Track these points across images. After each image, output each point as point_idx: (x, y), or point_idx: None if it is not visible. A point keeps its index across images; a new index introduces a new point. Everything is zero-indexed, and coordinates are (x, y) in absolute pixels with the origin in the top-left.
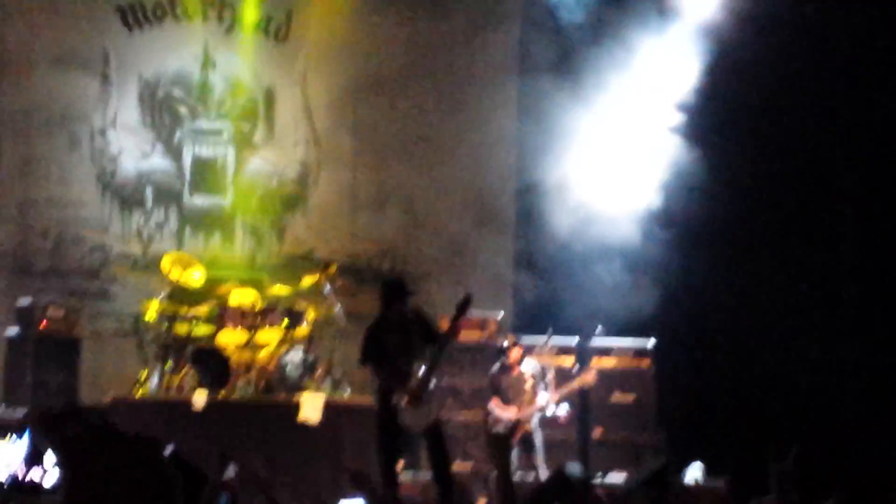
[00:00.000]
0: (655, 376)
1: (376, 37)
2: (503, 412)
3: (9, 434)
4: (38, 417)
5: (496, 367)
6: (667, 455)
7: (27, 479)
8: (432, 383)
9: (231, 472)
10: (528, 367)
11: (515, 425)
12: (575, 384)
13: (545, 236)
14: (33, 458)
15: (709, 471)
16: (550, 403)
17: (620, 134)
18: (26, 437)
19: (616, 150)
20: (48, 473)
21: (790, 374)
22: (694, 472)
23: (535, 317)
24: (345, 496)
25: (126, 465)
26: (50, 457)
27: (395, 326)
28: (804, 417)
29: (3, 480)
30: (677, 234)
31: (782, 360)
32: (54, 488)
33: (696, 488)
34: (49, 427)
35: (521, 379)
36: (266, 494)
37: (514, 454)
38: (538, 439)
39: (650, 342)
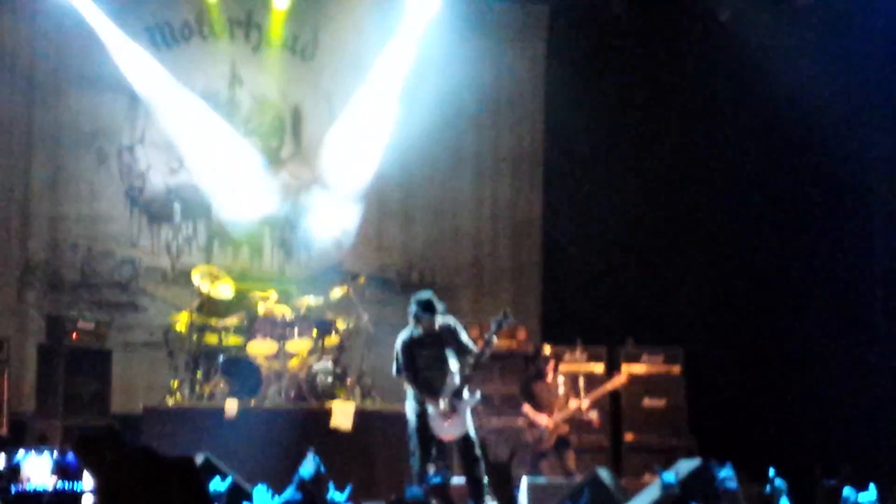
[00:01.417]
0: (686, 381)
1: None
2: (537, 417)
3: (45, 449)
4: (77, 439)
5: (530, 373)
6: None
7: (67, 496)
8: (465, 394)
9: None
10: (560, 374)
11: (548, 430)
12: (607, 386)
13: (573, 245)
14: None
15: (739, 476)
16: (584, 408)
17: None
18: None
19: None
20: (86, 495)
21: (822, 380)
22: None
23: (565, 325)
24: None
25: (162, 489)
26: (88, 478)
27: (427, 339)
28: (836, 423)
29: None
30: (707, 240)
31: (813, 365)
32: None
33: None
34: (87, 450)
35: (554, 385)
36: None
37: (549, 459)
38: (571, 444)
39: (680, 348)
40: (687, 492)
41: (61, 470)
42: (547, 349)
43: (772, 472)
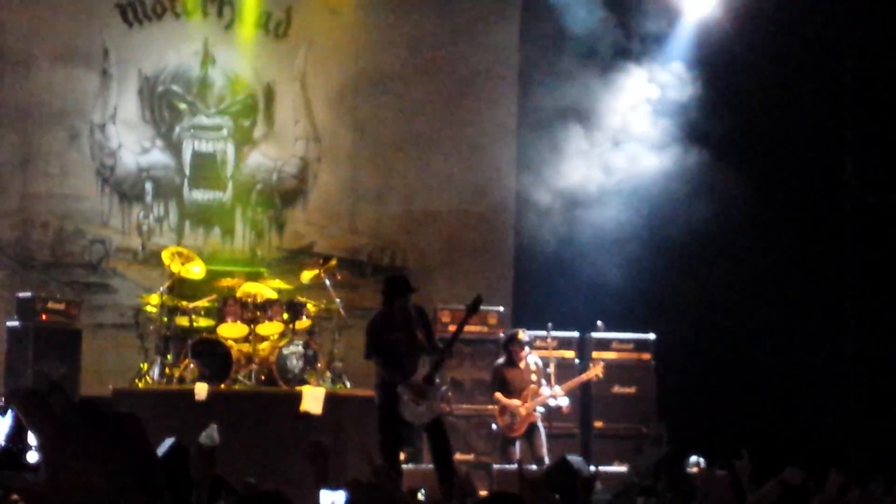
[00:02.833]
0: (656, 369)
1: (376, 33)
2: (509, 403)
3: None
4: (20, 396)
5: (502, 359)
6: (668, 446)
7: (12, 454)
8: (437, 379)
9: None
10: (532, 360)
11: (520, 417)
12: (584, 377)
13: (545, 231)
14: (16, 435)
15: (708, 463)
16: (557, 396)
17: (620, 130)
18: (9, 414)
19: (616, 145)
20: (31, 451)
21: (791, 368)
22: (694, 465)
23: (536, 311)
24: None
25: (109, 442)
26: (32, 435)
27: (399, 322)
28: (803, 411)
29: None
30: (678, 228)
31: (783, 354)
32: (37, 465)
33: (700, 475)
34: (31, 404)
35: (526, 372)
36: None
37: (518, 446)
38: (541, 431)
39: (651, 335)
40: (654, 479)
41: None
42: (522, 335)
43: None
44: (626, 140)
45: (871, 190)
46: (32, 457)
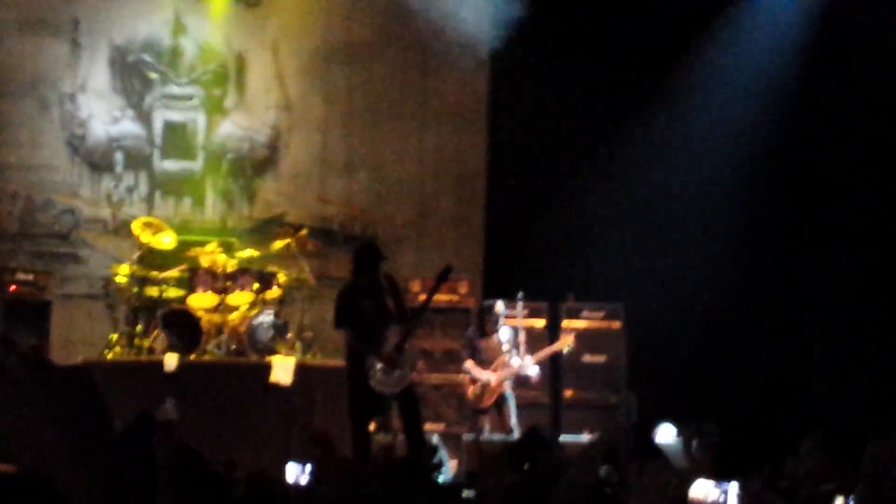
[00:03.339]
0: (627, 337)
1: (348, 2)
2: (480, 374)
3: None
4: None
5: (473, 329)
6: (636, 414)
7: None
8: (406, 348)
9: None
10: (504, 331)
11: (490, 388)
12: (556, 346)
13: (516, 201)
14: None
15: (678, 432)
16: (528, 365)
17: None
18: None
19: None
20: None
21: (761, 336)
22: (665, 433)
23: (507, 280)
24: (295, 459)
25: (57, 396)
26: None
27: (369, 291)
28: (772, 379)
29: None
30: (648, 192)
31: (753, 321)
32: None
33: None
34: None
35: (497, 341)
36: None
37: (489, 416)
38: (511, 401)
39: (621, 304)
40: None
41: None
42: (499, 306)
43: None
44: None
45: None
46: None
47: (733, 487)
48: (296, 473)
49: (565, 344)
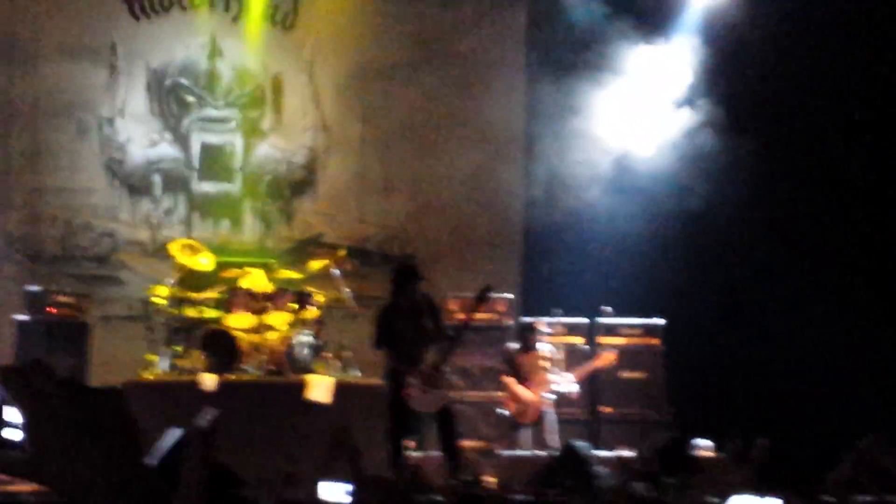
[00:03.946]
0: (665, 354)
1: (384, 23)
2: (521, 391)
3: None
4: (1, 372)
5: (516, 345)
6: (677, 431)
7: None
8: (446, 368)
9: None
10: (544, 347)
11: (531, 404)
12: (596, 363)
13: (554, 218)
14: None
15: (717, 448)
16: (568, 382)
17: (630, 116)
18: None
19: (626, 132)
20: (7, 427)
21: (800, 352)
22: (702, 448)
23: (544, 298)
24: (328, 478)
25: (91, 418)
26: (12, 412)
27: (408, 311)
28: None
29: None
30: (687, 214)
31: (791, 337)
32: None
33: (707, 459)
34: (12, 380)
35: (538, 358)
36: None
37: (529, 433)
38: (551, 417)
39: (660, 320)
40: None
41: None
42: (542, 325)
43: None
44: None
45: (878, 175)
46: (9, 433)
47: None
48: (334, 493)
49: (607, 361)
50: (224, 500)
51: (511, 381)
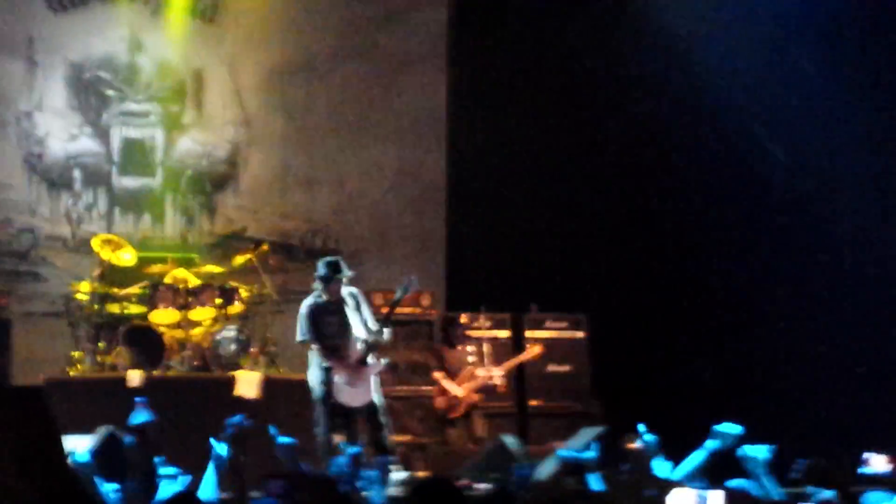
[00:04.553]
0: (591, 347)
1: (306, 16)
2: (450, 386)
3: None
4: None
5: (441, 341)
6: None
7: None
8: (371, 361)
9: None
10: (470, 342)
11: (460, 399)
12: (523, 357)
13: (477, 212)
14: None
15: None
16: (495, 376)
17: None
18: None
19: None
20: None
21: (725, 343)
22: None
23: (469, 292)
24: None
25: (9, 418)
26: None
27: (333, 305)
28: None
29: None
30: (612, 203)
31: (715, 328)
32: None
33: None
34: None
35: (463, 353)
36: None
37: (457, 427)
38: (480, 413)
39: (584, 315)
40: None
41: None
42: (464, 318)
43: (642, 427)
44: None
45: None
46: None
47: (716, 495)
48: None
49: (532, 354)
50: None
51: (440, 376)
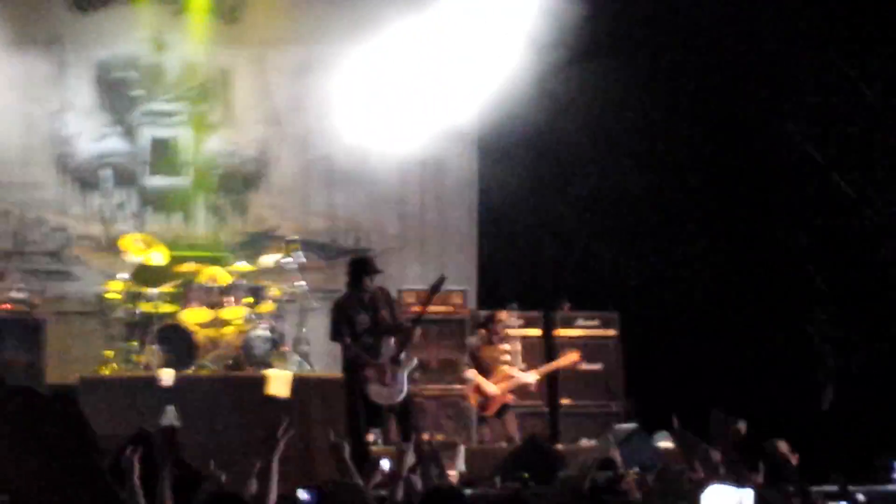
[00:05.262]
0: (623, 345)
1: (331, 13)
2: (485, 384)
3: None
4: None
5: (476, 338)
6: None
7: None
8: (403, 359)
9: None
10: (504, 339)
11: (494, 397)
12: (561, 362)
13: (510, 211)
14: None
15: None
16: (529, 375)
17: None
18: None
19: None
20: None
21: (756, 343)
22: (661, 441)
23: (501, 290)
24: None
25: (44, 423)
26: None
27: (365, 303)
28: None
29: None
30: (645, 207)
31: (748, 328)
32: None
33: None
34: None
35: (499, 351)
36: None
37: (490, 425)
38: (513, 411)
39: (615, 313)
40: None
41: None
42: (503, 315)
43: None
44: None
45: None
46: None
47: (748, 494)
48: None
49: (570, 360)
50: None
51: (474, 374)
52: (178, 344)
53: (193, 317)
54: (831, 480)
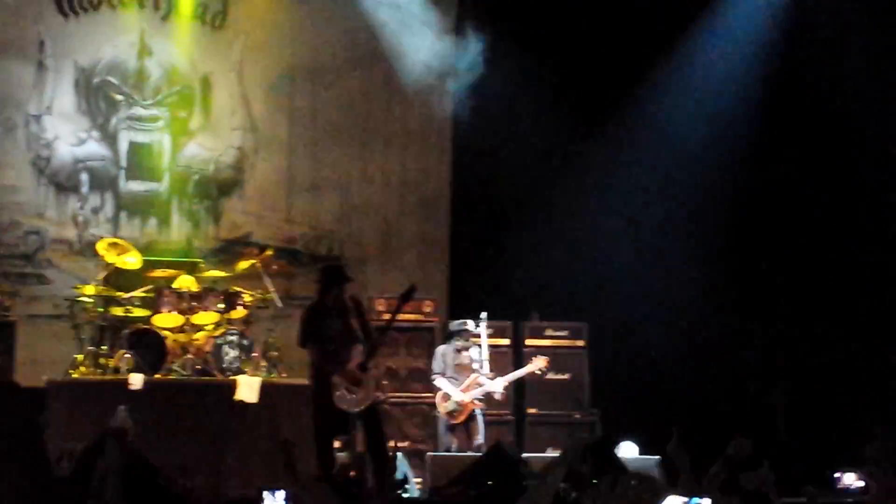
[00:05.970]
0: (590, 356)
1: (313, 24)
2: (454, 392)
3: None
4: None
5: (448, 347)
6: (600, 432)
7: None
8: (371, 367)
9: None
10: (473, 349)
11: (463, 405)
12: (529, 369)
13: (480, 221)
14: None
15: (641, 450)
16: (497, 383)
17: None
18: None
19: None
20: None
21: (722, 354)
22: (626, 451)
23: (470, 299)
24: (269, 489)
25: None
26: None
27: (334, 311)
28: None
29: None
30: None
31: (713, 339)
32: None
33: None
34: None
35: (468, 360)
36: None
37: (457, 433)
38: (480, 419)
39: (584, 323)
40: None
41: None
42: (471, 325)
43: None
44: None
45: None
46: None
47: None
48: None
49: (537, 367)
50: (142, 487)
51: (443, 382)
52: (148, 349)
53: (165, 322)
54: (801, 493)
